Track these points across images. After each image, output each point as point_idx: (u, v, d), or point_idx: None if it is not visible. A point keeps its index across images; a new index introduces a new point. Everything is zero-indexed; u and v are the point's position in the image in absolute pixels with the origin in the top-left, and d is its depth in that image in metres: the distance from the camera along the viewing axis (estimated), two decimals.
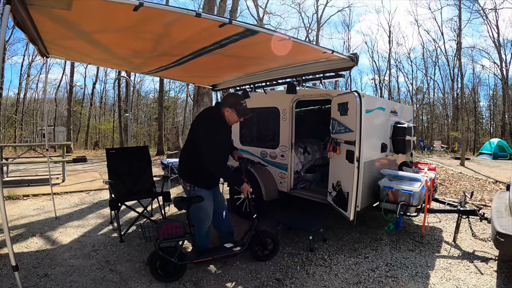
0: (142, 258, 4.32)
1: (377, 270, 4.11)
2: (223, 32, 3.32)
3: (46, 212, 6.26)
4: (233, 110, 3.97)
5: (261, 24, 26.92)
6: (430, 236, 5.28)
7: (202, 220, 4.09)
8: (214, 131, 3.84)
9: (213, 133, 3.82)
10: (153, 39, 3.81)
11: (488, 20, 31.45)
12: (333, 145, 4.85)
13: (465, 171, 12.40)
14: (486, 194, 8.37)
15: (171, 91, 40.30)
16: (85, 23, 3.34)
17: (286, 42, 3.59)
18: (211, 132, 3.82)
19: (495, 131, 36.97)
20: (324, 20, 39.05)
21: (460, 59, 20.32)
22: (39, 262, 4.14)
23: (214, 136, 3.81)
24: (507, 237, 3.39)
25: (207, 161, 3.77)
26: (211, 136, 3.79)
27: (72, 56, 5.45)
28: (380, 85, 41.63)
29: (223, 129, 4.03)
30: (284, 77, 5.56)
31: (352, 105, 4.39)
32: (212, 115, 4.11)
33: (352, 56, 4.41)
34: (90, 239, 4.99)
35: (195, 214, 3.99)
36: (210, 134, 3.80)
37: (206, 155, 3.77)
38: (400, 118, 5.87)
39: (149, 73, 5.95)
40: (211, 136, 3.79)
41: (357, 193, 4.36)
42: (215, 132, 3.84)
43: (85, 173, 11.14)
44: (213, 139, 3.78)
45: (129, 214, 6.10)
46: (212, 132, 3.82)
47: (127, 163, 5.58)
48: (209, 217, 4.14)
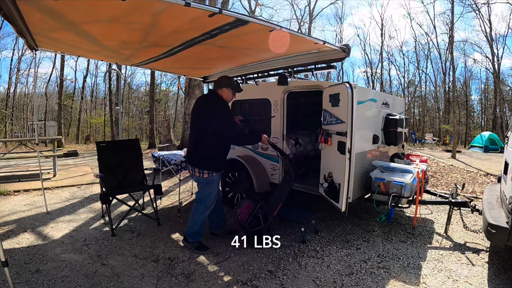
0: (134, 251, 4.31)
1: (369, 261, 4.12)
2: (213, 22, 3.27)
3: (37, 207, 6.19)
4: (228, 88, 4.39)
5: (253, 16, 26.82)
6: (422, 228, 5.30)
7: (211, 203, 4.38)
8: (224, 108, 4.30)
9: (224, 110, 4.28)
10: (142, 29, 3.75)
11: (481, 14, 31.72)
12: (325, 137, 4.83)
13: (456, 164, 12.46)
14: (478, 186, 8.42)
15: (162, 84, 40.28)
16: (73, 14, 3.28)
17: (277, 32, 3.56)
18: (222, 110, 4.24)
19: (486, 125, 37.31)
20: (317, 13, 38.96)
21: (452, 52, 20.43)
22: (30, 257, 4.09)
23: (226, 112, 4.32)
24: (498, 229, 3.41)
25: (227, 135, 4.25)
26: (223, 113, 4.24)
27: (61, 48, 5.36)
28: (372, 78, 41.80)
29: (227, 105, 4.44)
30: (275, 68, 5.53)
31: (344, 96, 4.37)
32: (213, 97, 4.45)
33: (344, 47, 4.38)
34: (82, 234, 4.95)
35: (205, 197, 4.34)
36: (222, 112, 4.23)
37: (225, 131, 4.18)
38: (392, 110, 5.87)
39: (140, 64, 5.88)
40: (224, 113, 4.24)
41: (348, 184, 4.36)
42: (225, 109, 4.32)
43: (76, 168, 11.06)
44: (226, 115, 4.28)
45: (121, 208, 6.06)
46: (222, 110, 4.26)
47: (118, 156, 5.53)
48: (214, 201, 4.44)
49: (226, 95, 4.41)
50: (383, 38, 40.33)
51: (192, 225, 4.40)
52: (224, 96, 4.39)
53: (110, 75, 26.25)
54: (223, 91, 4.38)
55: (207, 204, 4.34)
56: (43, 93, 36.13)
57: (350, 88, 4.26)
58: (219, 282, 3.61)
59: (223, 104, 4.33)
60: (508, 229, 3.32)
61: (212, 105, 4.31)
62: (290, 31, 3.71)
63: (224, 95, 4.39)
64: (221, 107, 4.27)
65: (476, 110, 41.31)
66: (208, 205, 4.35)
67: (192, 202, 6.73)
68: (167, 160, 5.83)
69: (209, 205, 4.36)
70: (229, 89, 4.39)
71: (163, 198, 6.91)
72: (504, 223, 3.43)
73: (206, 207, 4.34)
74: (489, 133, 21.29)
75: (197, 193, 4.48)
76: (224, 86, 4.38)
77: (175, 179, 8.57)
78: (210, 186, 4.30)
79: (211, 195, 4.33)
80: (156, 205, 5.43)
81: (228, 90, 4.39)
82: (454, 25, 19.50)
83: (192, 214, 4.42)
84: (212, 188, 4.31)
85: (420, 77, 40.02)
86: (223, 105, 4.33)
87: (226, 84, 4.40)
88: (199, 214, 4.34)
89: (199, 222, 4.36)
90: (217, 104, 4.29)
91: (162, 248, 4.44)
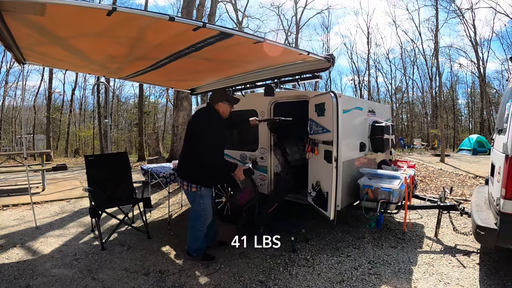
0: (124, 265, 4.27)
1: (360, 268, 4.14)
2: (198, 35, 3.32)
3: (27, 222, 6.12)
4: (224, 102, 4.36)
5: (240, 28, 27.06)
6: (412, 232, 5.35)
7: (206, 219, 4.33)
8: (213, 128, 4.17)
9: (212, 131, 4.15)
10: (129, 43, 3.79)
11: (465, 19, 32.35)
12: (311, 146, 4.88)
13: (445, 167, 12.60)
14: (467, 189, 8.53)
15: (151, 96, 40.17)
16: (60, 29, 3.31)
17: (262, 44, 3.61)
18: (210, 130, 4.14)
19: (474, 128, 37.80)
20: (303, 23, 39.24)
21: (438, 58, 20.83)
22: (20, 273, 4.04)
23: (213, 133, 4.15)
24: (487, 230, 3.46)
25: (203, 153, 4.07)
26: (210, 134, 4.12)
27: (49, 62, 5.38)
28: (360, 86, 42.24)
29: (221, 124, 4.35)
30: (262, 79, 5.57)
31: (329, 106, 4.43)
32: (208, 113, 4.40)
33: (328, 57, 4.45)
34: (72, 248, 4.90)
35: (199, 214, 4.29)
36: (210, 133, 4.13)
37: (202, 148, 4.07)
38: (378, 117, 5.94)
39: (127, 78, 5.90)
40: (210, 134, 4.12)
41: (336, 192, 4.39)
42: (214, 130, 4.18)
43: (65, 181, 10.96)
44: (212, 137, 4.12)
45: (110, 222, 6.01)
46: (211, 130, 4.15)
47: (106, 169, 5.50)
48: (210, 216, 4.40)
49: (223, 109, 4.38)
50: (370, 46, 40.96)
51: (193, 242, 4.40)
52: (221, 110, 4.36)
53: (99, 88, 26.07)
54: (219, 106, 4.35)
55: (202, 220, 4.31)
56: (31, 106, 35.89)
57: (335, 98, 4.31)
58: None
59: (215, 122, 4.25)
60: (496, 230, 3.38)
61: (203, 121, 4.29)
62: (275, 43, 3.77)
63: (220, 109, 4.36)
64: (212, 126, 4.19)
65: (464, 113, 41.95)
66: (203, 221, 4.31)
67: (181, 214, 6.74)
68: (156, 173, 5.82)
69: (205, 221, 4.33)
70: (225, 102, 4.37)
71: (152, 211, 6.87)
72: (493, 224, 3.50)
73: (202, 224, 4.31)
74: (477, 136, 21.63)
75: (191, 210, 4.49)
76: (220, 101, 4.36)
77: (164, 191, 8.53)
78: (201, 202, 4.26)
79: (205, 211, 4.29)
80: (145, 218, 5.40)
81: (224, 104, 4.36)
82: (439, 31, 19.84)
83: (190, 232, 4.41)
84: (204, 205, 4.27)
85: (407, 84, 40.61)
86: (215, 123, 4.24)
87: (221, 98, 4.39)
88: (197, 231, 4.33)
89: (199, 238, 4.37)
90: (208, 122, 4.23)
91: (152, 261, 4.42)
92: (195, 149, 4.15)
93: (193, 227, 4.35)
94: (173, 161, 6.47)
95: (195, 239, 4.37)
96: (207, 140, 4.07)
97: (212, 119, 4.28)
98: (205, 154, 4.07)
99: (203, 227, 4.33)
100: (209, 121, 4.25)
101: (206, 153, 4.07)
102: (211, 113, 4.35)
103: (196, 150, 4.12)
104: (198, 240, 4.36)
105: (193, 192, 4.25)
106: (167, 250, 4.80)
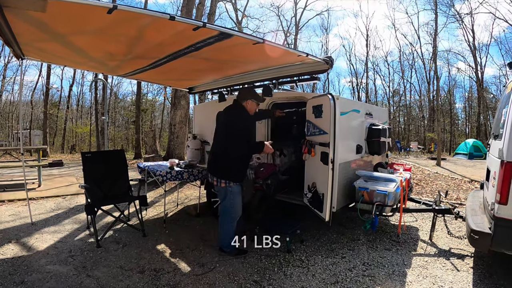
0: (119, 263, 4.27)
1: (354, 270, 4.15)
2: (197, 35, 3.33)
3: (22, 218, 6.11)
4: (252, 100, 4.54)
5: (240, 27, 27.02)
6: (407, 235, 5.38)
7: (235, 214, 4.53)
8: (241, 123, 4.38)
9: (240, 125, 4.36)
10: (128, 42, 3.80)
11: (464, 24, 32.41)
12: (308, 147, 4.89)
13: (441, 171, 12.65)
14: (462, 193, 8.57)
15: (149, 94, 40.09)
16: (60, 26, 3.31)
17: (261, 45, 3.62)
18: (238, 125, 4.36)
19: (470, 132, 37.97)
20: (303, 24, 39.25)
21: (436, 62, 20.86)
22: (15, 269, 4.03)
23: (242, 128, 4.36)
24: (481, 234, 3.48)
25: (233, 148, 4.32)
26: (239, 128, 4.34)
27: (47, 58, 5.37)
28: (358, 88, 42.31)
29: (249, 120, 4.56)
30: (260, 79, 5.59)
31: (326, 108, 4.44)
32: (236, 110, 4.58)
33: (327, 59, 4.46)
34: (67, 245, 4.89)
35: (228, 210, 4.50)
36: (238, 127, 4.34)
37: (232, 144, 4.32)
38: (375, 119, 5.95)
39: (125, 75, 5.90)
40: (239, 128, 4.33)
41: (332, 194, 4.42)
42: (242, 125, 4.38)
43: (61, 178, 10.95)
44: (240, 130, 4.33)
45: (106, 219, 6.02)
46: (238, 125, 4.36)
47: (103, 167, 5.50)
48: (240, 212, 4.60)
49: (250, 107, 4.56)
50: (368, 49, 40.99)
51: (224, 238, 4.57)
52: (248, 107, 4.54)
53: (96, 85, 26.05)
54: (247, 103, 4.53)
55: (232, 216, 4.51)
56: (28, 101, 35.70)
57: (333, 100, 4.33)
58: None
59: (244, 118, 4.45)
60: (491, 234, 3.41)
61: (233, 118, 4.47)
62: (274, 44, 3.78)
63: (248, 106, 4.54)
64: (241, 121, 4.39)
65: (460, 117, 42.14)
66: (233, 216, 4.51)
67: (177, 213, 6.75)
68: (152, 171, 5.82)
69: (235, 216, 4.52)
70: (253, 100, 4.55)
71: (148, 209, 6.88)
72: (487, 228, 3.52)
73: (232, 218, 4.51)
74: (473, 140, 21.69)
75: (220, 206, 4.65)
76: (248, 99, 4.53)
77: (161, 190, 8.51)
78: (231, 198, 4.44)
79: (234, 206, 4.48)
80: (141, 216, 5.41)
81: (252, 102, 4.55)
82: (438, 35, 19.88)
83: (220, 227, 4.61)
84: (234, 200, 4.46)
85: (405, 87, 40.76)
86: (244, 119, 4.44)
87: (250, 97, 4.55)
88: (228, 226, 4.53)
89: (230, 233, 4.54)
90: (238, 118, 4.42)
91: (147, 259, 4.42)
92: (224, 146, 4.40)
93: (223, 222, 4.56)
94: (169, 160, 6.47)
95: (226, 234, 4.55)
96: (237, 135, 4.29)
97: (241, 115, 4.47)
98: (234, 149, 4.31)
99: (233, 222, 4.52)
100: (239, 117, 4.44)
101: (236, 148, 4.31)
102: (240, 110, 4.54)
103: (226, 146, 4.37)
104: (229, 235, 4.53)
105: (223, 188, 4.43)
106: (162, 249, 4.80)
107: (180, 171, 5.78)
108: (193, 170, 5.93)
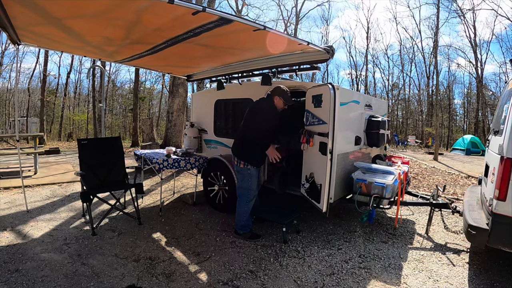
0: (114, 251, 4.25)
1: (350, 262, 4.15)
2: (197, 20, 3.27)
3: (17, 206, 6.07)
4: (280, 98, 4.63)
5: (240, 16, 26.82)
6: (403, 228, 5.36)
7: (251, 196, 4.77)
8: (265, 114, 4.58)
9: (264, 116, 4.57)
10: (126, 26, 3.73)
11: (465, 20, 32.30)
12: (307, 137, 4.85)
13: (438, 166, 12.65)
14: (459, 188, 8.56)
15: (147, 82, 39.95)
16: (56, 8, 3.25)
17: (261, 32, 3.56)
18: (261, 115, 4.57)
19: (468, 128, 38.04)
20: (303, 14, 39.22)
21: (436, 57, 20.77)
22: (10, 257, 4.01)
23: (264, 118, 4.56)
24: (478, 230, 3.47)
25: (254, 133, 4.56)
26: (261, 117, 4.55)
27: (44, 43, 5.28)
28: (357, 80, 42.23)
29: (275, 112, 4.72)
30: (259, 68, 5.55)
31: (326, 98, 4.39)
32: (265, 102, 4.79)
33: (328, 49, 4.41)
34: (62, 233, 4.86)
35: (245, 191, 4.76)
36: (260, 116, 4.56)
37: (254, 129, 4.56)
38: (375, 111, 5.92)
39: (123, 61, 5.83)
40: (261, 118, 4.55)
41: (329, 185, 4.38)
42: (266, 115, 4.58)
43: (58, 165, 10.89)
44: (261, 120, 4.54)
45: (102, 207, 5.99)
46: (262, 115, 4.58)
47: (99, 154, 5.45)
48: (255, 195, 4.86)
49: (277, 102, 4.66)
50: (369, 41, 40.88)
51: (239, 219, 4.81)
52: (276, 102, 4.66)
53: (94, 72, 25.84)
54: (276, 98, 4.65)
55: (248, 196, 4.73)
56: (25, 88, 35.51)
57: (333, 89, 4.28)
58: (200, 282, 3.59)
59: (268, 110, 4.64)
60: (488, 230, 3.39)
61: (260, 105, 4.72)
62: (275, 31, 3.72)
63: (276, 101, 4.66)
64: (266, 111, 4.61)
65: (459, 113, 42.20)
66: (249, 197, 4.74)
67: (173, 201, 6.73)
68: (149, 159, 5.77)
69: (251, 197, 4.75)
70: (281, 98, 4.63)
71: (144, 197, 6.85)
72: (484, 224, 3.51)
73: (247, 199, 4.74)
74: (471, 136, 21.70)
75: (237, 187, 4.95)
76: (277, 95, 4.64)
77: (157, 178, 8.52)
78: (248, 179, 4.69)
79: (251, 187, 4.72)
80: (137, 204, 5.38)
81: (280, 99, 4.64)
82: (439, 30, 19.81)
83: (237, 209, 4.82)
84: (251, 182, 4.71)
85: (404, 80, 40.68)
86: (268, 110, 4.63)
87: (279, 93, 4.64)
88: (243, 207, 4.75)
89: (245, 214, 4.77)
90: (262, 108, 4.66)
91: (143, 247, 4.40)
92: (248, 130, 4.61)
93: (240, 203, 4.79)
94: (166, 147, 6.42)
95: (240, 214, 4.78)
96: (258, 121, 4.53)
97: (268, 104, 4.69)
98: (251, 131, 4.56)
99: (248, 202, 4.75)
100: (265, 105, 4.68)
101: (252, 130, 4.55)
102: (269, 101, 4.72)
103: (250, 131, 4.59)
104: (244, 216, 4.77)
105: (241, 169, 4.71)
106: (158, 237, 4.78)
107: (177, 159, 5.71)
108: (190, 159, 5.86)
